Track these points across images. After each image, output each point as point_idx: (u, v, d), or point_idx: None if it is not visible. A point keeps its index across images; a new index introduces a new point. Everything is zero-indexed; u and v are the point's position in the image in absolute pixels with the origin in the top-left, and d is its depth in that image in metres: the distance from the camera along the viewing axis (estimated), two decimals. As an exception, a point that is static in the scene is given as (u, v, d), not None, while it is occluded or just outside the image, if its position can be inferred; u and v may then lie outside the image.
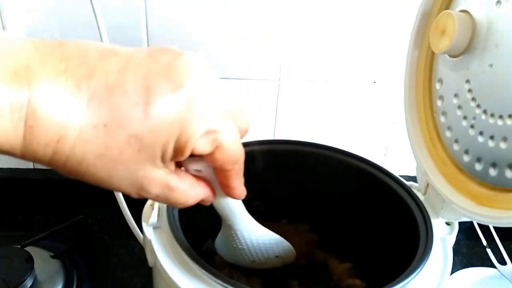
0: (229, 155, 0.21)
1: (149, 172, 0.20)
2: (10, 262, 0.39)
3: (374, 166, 0.38)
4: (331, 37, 0.48)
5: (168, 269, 0.27)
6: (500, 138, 0.28)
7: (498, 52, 0.27)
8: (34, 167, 0.53)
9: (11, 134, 0.17)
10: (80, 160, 0.18)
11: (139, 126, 0.18)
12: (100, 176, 0.19)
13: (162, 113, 0.18)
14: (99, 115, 0.18)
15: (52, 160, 0.18)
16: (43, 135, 0.17)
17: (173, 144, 0.19)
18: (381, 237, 0.38)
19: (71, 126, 0.17)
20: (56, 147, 0.18)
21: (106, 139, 0.18)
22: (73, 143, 0.18)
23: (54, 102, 0.17)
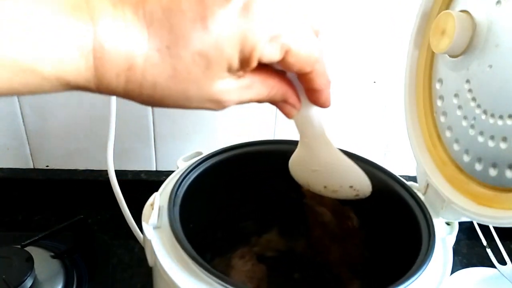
0: (303, 58, 0.21)
1: (221, 85, 0.20)
2: (10, 262, 0.39)
3: (375, 166, 0.38)
4: (331, 37, 0.48)
5: (168, 269, 0.27)
6: (500, 138, 0.28)
7: (498, 52, 0.27)
8: (34, 167, 0.53)
9: (83, 67, 0.17)
10: (154, 85, 0.19)
11: (200, 43, 0.18)
12: (177, 98, 0.20)
13: (221, 25, 0.18)
14: (160, 38, 0.18)
15: (127, 89, 0.19)
16: (113, 64, 0.18)
17: (238, 56, 0.19)
18: (382, 236, 0.38)
19: (137, 53, 0.18)
20: (128, 76, 0.18)
21: (172, 61, 0.18)
22: (142, 69, 0.18)
23: (117, 31, 0.18)
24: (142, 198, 0.33)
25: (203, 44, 0.18)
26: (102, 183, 0.44)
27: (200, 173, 0.36)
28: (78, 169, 0.54)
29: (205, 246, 0.36)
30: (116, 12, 0.18)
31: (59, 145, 0.52)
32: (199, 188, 0.35)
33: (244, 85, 0.21)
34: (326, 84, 0.24)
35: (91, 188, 0.52)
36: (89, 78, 0.18)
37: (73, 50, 0.17)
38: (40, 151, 0.52)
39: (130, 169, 0.54)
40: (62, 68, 0.17)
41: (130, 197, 0.42)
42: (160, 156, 0.53)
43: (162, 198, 0.32)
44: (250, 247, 0.41)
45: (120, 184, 0.41)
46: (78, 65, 0.17)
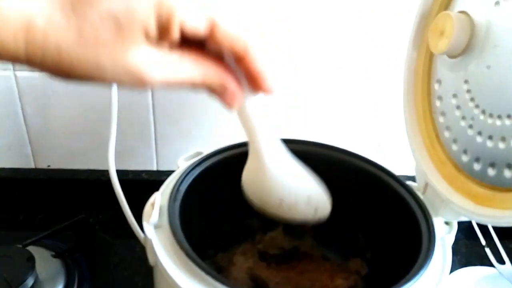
0: (232, 34, 0.19)
1: (138, 55, 0.18)
2: (11, 261, 0.39)
3: (374, 165, 0.38)
4: (331, 37, 0.48)
5: (168, 269, 0.27)
6: (499, 138, 0.28)
7: (496, 52, 0.28)
8: (35, 167, 0.54)
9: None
10: (58, 49, 0.17)
11: (109, 3, 0.17)
12: (88, 67, 0.18)
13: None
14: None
15: (28, 54, 0.17)
16: (9, 23, 0.16)
17: (154, 19, 0.18)
18: (382, 236, 0.38)
19: (36, 10, 0.16)
20: (27, 37, 0.16)
21: (77, 21, 0.17)
22: (43, 29, 0.16)
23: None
24: (143, 197, 0.33)
25: (112, 3, 0.17)
26: (103, 183, 0.44)
27: (201, 172, 0.36)
28: (79, 169, 0.54)
29: (208, 242, 0.37)
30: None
31: (61, 145, 0.52)
32: (200, 187, 0.35)
33: (171, 60, 0.19)
34: (266, 69, 0.22)
35: (92, 188, 0.52)
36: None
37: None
38: (41, 151, 0.53)
39: (131, 169, 0.54)
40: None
41: (131, 196, 0.42)
42: (161, 156, 0.54)
43: (163, 198, 0.32)
44: (253, 244, 0.41)
45: (121, 183, 0.41)
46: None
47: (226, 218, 0.39)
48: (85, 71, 0.18)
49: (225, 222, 0.39)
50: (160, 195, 0.32)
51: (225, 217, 0.39)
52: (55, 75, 0.18)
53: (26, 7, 0.16)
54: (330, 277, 0.38)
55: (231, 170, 0.34)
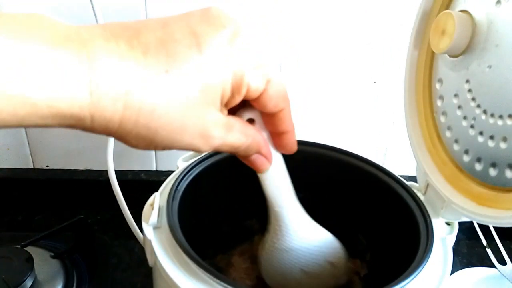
0: (281, 90, 0.22)
1: (214, 116, 0.20)
2: (10, 262, 0.39)
3: (375, 166, 0.38)
4: (331, 37, 0.48)
5: (168, 269, 0.27)
6: (500, 138, 0.28)
7: (498, 52, 0.27)
8: (34, 167, 0.53)
9: (77, 93, 0.17)
10: (152, 111, 0.18)
11: (198, 66, 0.19)
12: (173, 128, 0.19)
13: (214, 51, 0.19)
14: (158, 63, 0.18)
15: (124, 117, 0.18)
16: (110, 88, 0.17)
17: (231, 81, 0.20)
18: (381, 237, 0.38)
19: (135, 78, 0.18)
20: (126, 100, 0.18)
21: (171, 85, 0.18)
22: (141, 93, 0.18)
23: (112, 57, 0.17)
24: (142, 198, 0.33)
25: (201, 67, 0.19)
26: (102, 183, 0.44)
27: (200, 172, 0.36)
28: (78, 169, 0.54)
29: (207, 242, 0.36)
30: (109, 41, 0.18)
31: (59, 145, 0.52)
32: (199, 188, 0.35)
33: (229, 124, 0.21)
34: (293, 125, 0.24)
35: (91, 188, 0.52)
36: (83, 103, 0.17)
37: (66, 76, 0.16)
38: (40, 151, 0.52)
39: (130, 169, 0.54)
40: (55, 96, 0.16)
41: (130, 197, 0.42)
42: (160, 156, 0.53)
43: (162, 198, 0.32)
44: (251, 245, 0.41)
45: (120, 184, 0.41)
46: (72, 95, 0.17)
47: (225, 219, 0.39)
48: (169, 133, 0.19)
49: (224, 222, 0.39)
50: (159, 196, 0.32)
51: (224, 217, 0.39)
52: (139, 142, 0.19)
53: (125, 72, 0.17)
54: None
55: (230, 170, 0.34)
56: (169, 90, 0.18)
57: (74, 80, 0.16)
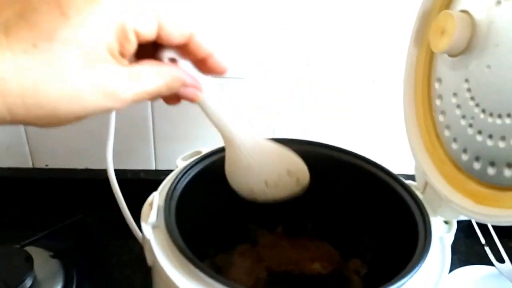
0: (179, 20, 0.21)
1: (108, 72, 0.19)
2: (10, 261, 0.39)
3: (373, 164, 0.38)
4: (331, 37, 0.47)
5: (166, 269, 0.27)
6: (499, 137, 0.28)
7: (497, 52, 0.27)
8: (33, 166, 0.53)
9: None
10: (36, 90, 0.17)
11: (66, 30, 0.17)
12: (69, 99, 0.18)
13: (81, 7, 0.18)
14: (23, 39, 0.17)
15: (10, 106, 0.17)
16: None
17: (112, 33, 0.19)
18: (380, 235, 0.38)
19: (3, 62, 0.16)
20: (2, 90, 0.16)
21: (44, 57, 0.17)
22: (16, 77, 0.17)
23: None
24: (141, 197, 0.33)
25: (70, 30, 0.18)
26: (102, 183, 0.44)
27: (199, 171, 0.36)
28: (77, 168, 0.53)
29: (206, 242, 0.36)
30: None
31: (59, 144, 0.52)
32: (198, 187, 0.35)
33: (133, 73, 0.20)
34: (212, 48, 0.23)
35: (90, 188, 0.52)
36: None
37: None
38: (39, 151, 0.52)
39: (129, 168, 0.54)
40: None
41: (129, 196, 0.42)
42: (159, 155, 0.53)
43: (161, 198, 0.32)
44: (251, 244, 0.41)
45: (120, 183, 0.41)
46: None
47: (224, 218, 0.39)
48: (68, 104, 0.18)
49: (223, 222, 0.39)
50: (158, 195, 0.32)
51: (224, 216, 0.39)
52: (43, 122, 0.18)
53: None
54: (311, 259, 0.38)
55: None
56: (44, 64, 0.17)
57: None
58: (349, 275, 0.39)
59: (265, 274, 0.38)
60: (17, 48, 0.17)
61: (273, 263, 0.38)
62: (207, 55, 0.23)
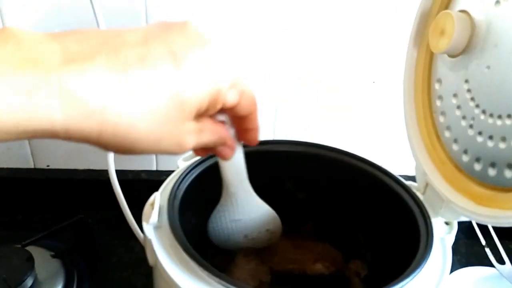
0: (251, 98, 0.24)
1: (188, 126, 0.21)
2: (11, 261, 0.39)
3: (374, 166, 0.38)
4: (331, 37, 0.48)
5: (168, 269, 0.27)
6: (499, 138, 0.28)
7: (497, 52, 0.27)
8: (34, 166, 0.53)
9: (46, 111, 0.17)
10: (130, 124, 0.19)
11: (175, 84, 0.19)
12: (150, 139, 0.20)
13: (191, 69, 0.20)
14: (137, 80, 0.19)
15: (102, 130, 0.18)
16: (84, 104, 0.17)
17: (207, 99, 0.21)
18: (381, 236, 0.38)
19: (112, 92, 0.18)
20: (102, 115, 0.18)
21: (149, 101, 0.19)
22: (119, 108, 0.18)
23: (85, 74, 0.17)
24: (142, 197, 0.33)
25: (178, 85, 0.19)
26: (103, 183, 0.44)
27: (200, 172, 0.36)
28: (78, 169, 0.54)
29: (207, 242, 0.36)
30: (85, 64, 0.18)
31: (60, 144, 0.52)
32: (200, 187, 0.35)
33: (201, 129, 0.23)
34: (258, 123, 0.27)
35: (91, 188, 0.52)
36: (55, 122, 0.17)
37: (36, 104, 0.16)
38: (40, 151, 0.52)
39: (130, 169, 0.54)
40: (22, 117, 0.16)
41: (130, 196, 0.42)
42: (160, 156, 0.53)
43: (163, 198, 0.32)
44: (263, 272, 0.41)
45: (121, 183, 0.41)
46: (40, 115, 0.16)
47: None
48: (145, 145, 0.20)
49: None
50: (159, 195, 0.32)
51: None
52: (116, 150, 0.20)
53: (102, 93, 0.18)
54: (313, 260, 0.39)
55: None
56: (146, 105, 0.19)
57: (42, 100, 0.16)
58: (350, 276, 0.39)
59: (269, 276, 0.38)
60: (129, 84, 0.18)
61: (274, 263, 0.38)
62: (253, 128, 0.26)
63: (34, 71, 0.16)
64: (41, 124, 0.17)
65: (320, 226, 0.42)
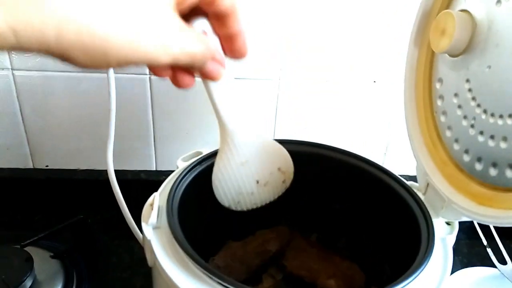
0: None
1: (169, 18, 0.18)
2: (10, 262, 0.39)
3: (375, 166, 0.38)
4: (331, 37, 0.47)
5: (167, 269, 0.27)
6: (500, 138, 0.28)
7: (498, 51, 0.27)
8: (34, 167, 0.53)
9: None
10: (96, 23, 0.15)
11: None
12: (127, 34, 0.16)
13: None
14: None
15: (61, 27, 0.15)
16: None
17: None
18: (382, 236, 0.38)
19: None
20: (62, 12, 0.15)
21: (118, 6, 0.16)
22: (80, 7, 0.15)
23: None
24: (141, 198, 0.33)
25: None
26: (102, 183, 0.44)
27: (200, 172, 0.36)
28: (78, 169, 0.53)
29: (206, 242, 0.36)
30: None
31: (59, 145, 0.52)
32: (199, 187, 0.35)
33: (185, 29, 0.19)
34: (243, 27, 0.23)
35: (90, 188, 0.52)
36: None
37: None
38: (40, 151, 0.52)
39: (130, 169, 0.54)
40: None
41: (129, 197, 0.42)
42: (159, 156, 0.53)
43: (162, 198, 0.32)
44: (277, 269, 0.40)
45: (120, 184, 0.41)
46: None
47: (224, 219, 0.39)
48: (121, 47, 0.16)
49: (223, 223, 0.39)
50: (159, 195, 0.32)
51: (224, 218, 0.39)
52: (86, 57, 0.16)
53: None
54: (329, 275, 0.37)
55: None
56: (112, 2, 0.16)
57: None
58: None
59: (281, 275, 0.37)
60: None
61: (291, 265, 0.37)
62: (238, 32, 0.22)
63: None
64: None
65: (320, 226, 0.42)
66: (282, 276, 0.38)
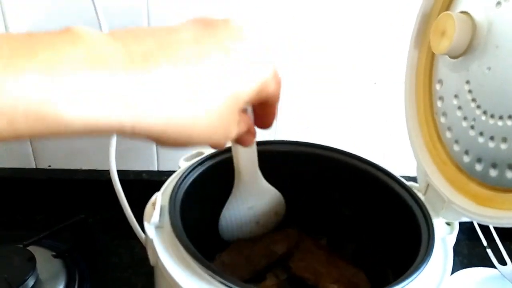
0: (279, 93, 0.25)
1: (235, 117, 0.22)
2: (12, 261, 0.39)
3: (375, 166, 0.38)
4: (333, 36, 0.48)
5: (170, 269, 0.27)
6: (500, 139, 0.28)
7: (498, 53, 0.28)
8: (36, 167, 0.54)
9: (116, 112, 0.17)
10: (193, 121, 0.19)
11: (231, 78, 0.20)
12: (206, 132, 0.20)
13: (243, 62, 0.21)
14: (197, 78, 0.19)
15: (167, 126, 0.18)
16: (152, 106, 0.18)
17: (257, 90, 0.22)
18: (382, 237, 0.38)
19: (178, 92, 0.18)
20: (168, 114, 0.18)
21: (211, 97, 0.19)
22: (184, 106, 0.19)
23: (150, 75, 0.18)
24: (144, 198, 0.33)
25: (234, 80, 0.20)
26: (104, 183, 0.44)
27: (202, 172, 0.36)
28: (80, 169, 0.54)
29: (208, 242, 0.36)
30: (149, 64, 0.18)
31: (61, 145, 0.52)
32: (201, 187, 0.35)
33: (239, 120, 0.23)
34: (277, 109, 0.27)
35: (93, 188, 0.52)
36: (124, 122, 0.17)
37: (109, 105, 0.17)
38: (42, 151, 0.53)
39: (132, 169, 0.54)
40: (92, 116, 0.17)
41: (131, 197, 0.42)
42: (162, 156, 0.54)
43: (164, 198, 0.32)
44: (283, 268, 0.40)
45: (122, 184, 0.41)
46: (111, 114, 0.17)
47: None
48: (201, 138, 0.20)
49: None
50: (161, 195, 0.32)
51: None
52: (176, 144, 0.20)
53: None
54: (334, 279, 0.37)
55: (232, 171, 0.34)
56: (209, 102, 0.19)
57: (110, 102, 0.17)
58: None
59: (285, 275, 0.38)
60: (189, 83, 0.19)
61: (297, 266, 0.37)
62: (273, 113, 0.26)
63: (103, 71, 0.17)
64: (111, 123, 0.17)
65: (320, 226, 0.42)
66: (286, 276, 0.38)
